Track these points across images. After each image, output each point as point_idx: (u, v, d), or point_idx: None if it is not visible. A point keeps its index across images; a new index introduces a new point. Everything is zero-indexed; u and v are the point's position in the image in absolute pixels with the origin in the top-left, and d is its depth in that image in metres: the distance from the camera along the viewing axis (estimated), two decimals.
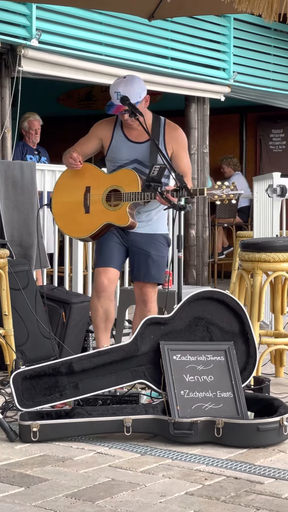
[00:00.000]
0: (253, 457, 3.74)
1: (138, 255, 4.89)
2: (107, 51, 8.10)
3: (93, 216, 4.85)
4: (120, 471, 3.52)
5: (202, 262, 10.05)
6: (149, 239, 4.89)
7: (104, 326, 4.89)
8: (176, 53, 9.04)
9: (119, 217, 4.79)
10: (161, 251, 4.94)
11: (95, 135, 4.94)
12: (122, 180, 4.80)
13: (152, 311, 4.95)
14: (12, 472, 3.49)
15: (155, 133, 4.82)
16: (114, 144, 4.86)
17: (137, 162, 4.83)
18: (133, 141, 4.84)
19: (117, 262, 4.88)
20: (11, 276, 5.35)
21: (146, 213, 4.88)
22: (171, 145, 4.84)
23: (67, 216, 4.95)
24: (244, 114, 12.48)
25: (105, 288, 4.85)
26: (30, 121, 8.14)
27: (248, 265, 5.16)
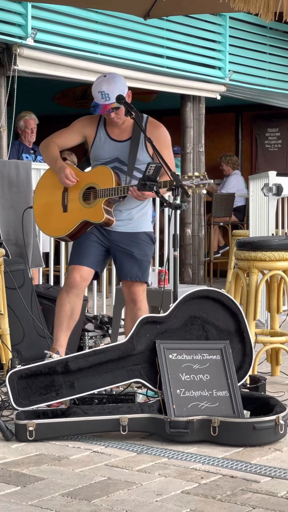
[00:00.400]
0: (249, 455, 3.74)
1: (121, 254, 4.86)
2: (102, 50, 8.10)
3: (70, 215, 4.85)
4: (116, 470, 3.52)
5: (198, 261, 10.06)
6: (132, 238, 4.85)
7: (67, 324, 4.80)
8: (172, 52, 9.04)
9: (94, 214, 4.77)
10: (144, 250, 4.89)
11: (79, 130, 4.91)
12: (97, 177, 4.80)
13: (143, 309, 4.89)
14: (8, 471, 3.49)
15: (137, 131, 4.81)
16: (97, 142, 4.86)
17: (118, 160, 4.82)
18: (115, 140, 4.84)
19: (92, 261, 4.83)
20: (6, 275, 5.34)
21: (127, 211, 4.85)
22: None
23: (46, 216, 4.95)
24: (240, 113, 12.49)
25: (76, 284, 4.80)
26: (26, 120, 8.14)
27: (244, 264, 5.16)
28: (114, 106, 4.71)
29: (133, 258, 4.83)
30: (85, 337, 5.85)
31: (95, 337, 5.92)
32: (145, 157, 4.81)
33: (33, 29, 7.17)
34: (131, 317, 4.87)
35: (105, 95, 4.69)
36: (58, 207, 4.90)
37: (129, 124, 4.85)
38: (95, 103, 4.75)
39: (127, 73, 8.53)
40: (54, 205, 4.91)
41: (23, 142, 8.18)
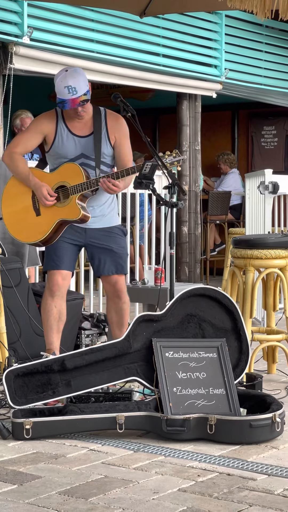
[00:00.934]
0: (245, 453, 3.74)
1: (100, 250, 4.84)
2: (98, 48, 8.10)
3: (45, 217, 4.78)
4: (113, 468, 3.52)
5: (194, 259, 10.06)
6: (107, 233, 4.86)
7: (57, 327, 4.80)
8: (168, 50, 9.04)
9: (70, 212, 4.74)
10: (120, 243, 4.90)
11: (39, 130, 4.83)
12: (66, 175, 4.76)
13: (127, 301, 4.93)
14: (5, 469, 3.49)
15: (97, 124, 4.80)
16: (58, 140, 4.80)
17: (83, 156, 4.79)
18: (77, 135, 4.81)
19: (68, 263, 4.82)
20: (3, 273, 5.34)
21: (99, 207, 4.84)
22: (114, 135, 4.82)
23: (19, 223, 4.86)
24: (236, 111, 12.49)
25: (59, 287, 4.78)
26: (22, 118, 8.13)
27: (240, 262, 5.17)
28: (83, 99, 4.68)
29: (111, 253, 4.84)
30: (82, 335, 5.85)
31: (92, 335, 5.92)
32: (109, 150, 4.82)
33: (29, 28, 7.17)
34: (116, 311, 4.91)
35: (72, 89, 4.65)
36: (30, 212, 4.81)
37: (89, 118, 4.82)
38: (62, 99, 4.68)
39: (123, 72, 8.54)
40: (25, 211, 4.83)
41: None
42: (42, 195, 4.75)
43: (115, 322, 4.93)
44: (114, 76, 8.42)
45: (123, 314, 4.93)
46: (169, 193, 4.66)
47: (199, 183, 10.12)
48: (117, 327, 4.94)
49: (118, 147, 4.82)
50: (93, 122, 4.80)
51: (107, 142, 4.80)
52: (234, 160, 11.60)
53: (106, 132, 4.79)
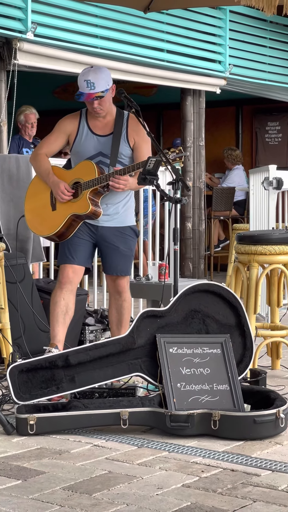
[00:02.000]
0: (249, 449, 3.74)
1: (107, 249, 4.92)
2: (102, 44, 8.09)
3: (59, 211, 4.90)
4: (117, 464, 3.53)
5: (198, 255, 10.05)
6: (118, 233, 4.92)
7: (63, 320, 4.83)
8: (172, 45, 9.02)
9: (80, 206, 4.82)
10: (129, 245, 4.97)
11: (63, 131, 4.96)
12: (81, 172, 4.85)
13: (127, 299, 5.00)
14: (9, 465, 3.49)
15: (118, 125, 4.88)
16: (79, 138, 4.91)
17: (101, 155, 4.88)
18: (97, 135, 4.89)
19: (82, 258, 4.88)
20: (7, 269, 5.35)
21: (113, 206, 4.90)
22: (133, 137, 4.89)
23: (37, 218, 5.00)
24: (240, 106, 12.47)
25: (69, 280, 4.84)
26: (26, 114, 8.13)
27: (244, 258, 5.16)
28: (98, 95, 4.76)
29: (118, 254, 4.90)
30: (86, 331, 5.85)
31: (96, 331, 5.92)
32: (127, 151, 4.89)
33: (33, 23, 7.16)
34: (116, 308, 4.99)
35: (90, 84, 4.76)
36: (47, 207, 4.95)
37: (111, 119, 4.91)
38: (80, 92, 4.79)
39: (127, 67, 8.53)
40: (43, 207, 4.97)
41: (23, 136, 8.17)
42: (59, 190, 4.86)
43: (115, 320, 4.98)
44: (118, 71, 8.41)
45: (123, 312, 4.96)
46: (173, 189, 4.66)
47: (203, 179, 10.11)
48: (116, 325, 4.98)
49: (136, 149, 4.89)
50: (115, 123, 4.86)
51: (125, 143, 4.87)
52: (238, 156, 11.57)
53: (126, 133, 4.87)
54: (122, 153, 4.87)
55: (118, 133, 4.87)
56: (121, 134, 4.88)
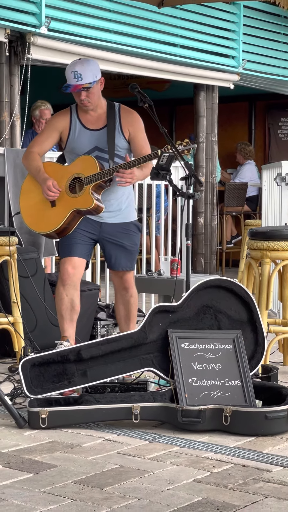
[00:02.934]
0: (261, 445, 3.75)
1: (112, 246, 4.89)
2: (116, 38, 8.09)
3: (59, 208, 4.83)
4: (128, 458, 3.53)
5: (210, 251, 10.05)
6: (121, 229, 4.89)
7: (69, 316, 4.81)
8: (185, 40, 9.01)
9: (83, 201, 4.78)
10: (134, 240, 4.95)
11: (55, 128, 4.91)
12: (81, 167, 4.81)
13: (134, 295, 4.99)
14: (21, 458, 3.51)
15: (111, 118, 4.85)
16: (72, 135, 4.86)
17: (97, 149, 4.84)
18: (91, 129, 4.85)
19: (81, 252, 4.84)
20: (19, 263, 5.36)
21: (116, 201, 4.87)
22: (127, 128, 4.86)
23: (36, 215, 4.93)
24: (253, 102, 12.45)
25: (69, 275, 4.81)
26: (41, 110, 8.13)
27: (256, 254, 5.16)
28: (85, 86, 4.74)
29: (124, 250, 4.89)
30: (98, 325, 5.86)
31: (108, 325, 5.93)
32: (123, 143, 4.86)
33: (47, 18, 7.17)
34: (123, 304, 4.98)
35: (77, 75, 4.74)
36: (45, 203, 4.87)
37: (102, 112, 4.88)
38: (67, 84, 4.77)
39: (140, 62, 8.53)
40: (41, 203, 4.89)
41: (37, 131, 8.18)
42: (46, 187, 4.80)
43: (123, 316, 4.97)
44: (131, 66, 8.42)
45: (130, 307, 4.96)
46: (186, 184, 4.66)
47: (215, 175, 10.10)
48: (124, 321, 4.97)
49: (133, 140, 4.85)
50: (107, 116, 4.84)
51: (120, 135, 4.83)
52: (251, 152, 11.56)
53: (119, 125, 4.83)
54: (118, 145, 4.83)
55: (112, 126, 4.83)
56: (115, 126, 4.83)
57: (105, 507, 2.95)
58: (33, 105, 8.11)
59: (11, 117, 7.23)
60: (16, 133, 7.29)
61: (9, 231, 5.22)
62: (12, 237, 5.18)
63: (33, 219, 4.95)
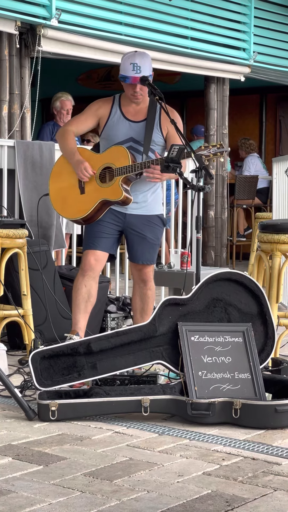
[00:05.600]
0: (270, 438, 3.74)
1: (134, 238, 4.90)
2: (126, 31, 8.08)
3: (88, 196, 4.87)
4: (138, 451, 3.54)
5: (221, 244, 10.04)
6: (145, 221, 4.91)
7: (84, 306, 4.84)
8: (196, 33, 8.99)
9: (113, 192, 4.80)
10: (156, 234, 4.97)
11: (94, 113, 4.93)
12: (113, 157, 4.83)
13: (152, 288, 5.01)
14: (31, 450, 3.51)
15: (152, 113, 4.86)
16: (111, 122, 4.88)
17: (132, 140, 4.85)
18: (130, 120, 4.87)
19: (105, 245, 4.87)
20: (30, 256, 5.36)
21: (142, 194, 4.89)
22: (166, 126, 4.88)
23: (64, 200, 4.96)
24: (264, 94, 12.42)
25: (91, 267, 4.83)
26: (62, 101, 8.12)
27: (267, 247, 5.15)
28: (144, 79, 4.75)
29: (145, 243, 4.89)
30: (107, 318, 5.87)
31: (117, 318, 5.94)
32: (159, 139, 4.89)
33: (58, 10, 7.16)
34: (140, 296, 4.99)
35: (137, 67, 4.77)
36: (75, 190, 4.91)
37: (144, 106, 4.91)
38: (124, 75, 4.77)
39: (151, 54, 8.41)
40: (70, 189, 4.93)
41: (58, 123, 8.16)
42: (80, 170, 4.82)
43: (139, 308, 4.98)
44: None
45: (147, 300, 4.96)
46: (196, 177, 4.65)
47: (226, 167, 10.08)
48: (140, 314, 4.98)
49: (169, 138, 4.89)
50: (148, 110, 4.86)
51: (158, 131, 4.86)
52: (252, 145, 11.58)
53: (159, 121, 4.87)
54: (154, 140, 4.86)
55: (152, 120, 4.85)
56: (154, 121, 4.86)
57: (115, 500, 2.95)
58: (54, 96, 8.11)
59: (22, 110, 7.23)
60: (27, 126, 7.29)
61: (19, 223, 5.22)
62: (22, 230, 5.18)
63: (60, 203, 4.99)
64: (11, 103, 7.18)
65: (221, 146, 4.82)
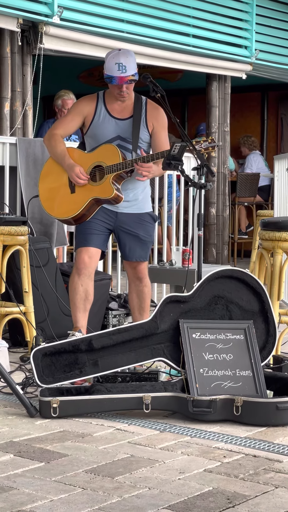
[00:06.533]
0: (272, 435, 3.75)
1: (127, 236, 4.89)
2: (128, 28, 8.08)
3: (79, 195, 4.84)
4: (139, 448, 3.54)
5: (222, 241, 10.04)
6: (137, 219, 4.90)
7: (83, 306, 4.82)
8: (198, 30, 8.99)
9: (103, 190, 4.79)
10: (149, 231, 4.96)
11: (79, 112, 4.90)
12: (103, 155, 4.81)
13: (148, 285, 4.99)
14: (32, 447, 3.52)
15: (137, 108, 4.85)
16: (97, 121, 4.85)
17: (119, 138, 4.83)
18: (116, 118, 4.85)
19: (97, 241, 4.85)
20: (31, 253, 5.37)
21: (133, 192, 4.87)
22: (151, 123, 4.86)
23: (54, 200, 4.93)
24: (266, 92, 12.41)
25: (86, 265, 4.81)
26: (64, 99, 8.12)
27: (268, 244, 5.15)
28: (130, 78, 4.74)
29: (138, 240, 4.89)
30: (109, 315, 5.87)
31: (119, 315, 5.94)
32: (145, 136, 4.87)
33: (59, 7, 7.16)
34: (137, 294, 4.97)
35: (122, 67, 4.73)
36: (65, 189, 4.89)
37: (130, 103, 4.88)
38: (109, 75, 4.74)
39: (153, 52, 8.51)
40: (60, 188, 4.90)
41: None
42: (75, 174, 4.80)
43: (136, 306, 4.97)
44: (144, 56, 8.40)
45: (144, 297, 4.96)
46: (198, 174, 4.65)
47: (227, 165, 10.08)
48: (138, 311, 4.97)
49: (155, 135, 4.86)
50: (134, 107, 4.84)
51: (144, 128, 4.85)
52: (254, 142, 11.57)
53: (144, 117, 4.84)
54: (141, 138, 4.84)
55: (138, 117, 4.84)
56: (141, 118, 4.85)
57: (116, 496, 2.96)
58: (56, 94, 8.11)
59: (23, 107, 7.23)
60: (28, 123, 7.29)
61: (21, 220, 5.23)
62: (24, 227, 5.19)
63: (50, 203, 4.96)
64: (13, 100, 7.18)
65: (212, 141, 4.81)
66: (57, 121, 5.09)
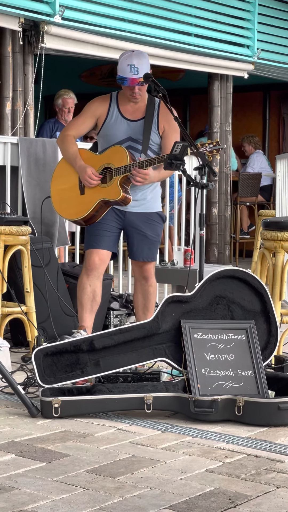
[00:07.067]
0: (273, 435, 3.74)
1: (135, 235, 4.91)
2: (130, 27, 8.07)
3: (88, 196, 4.88)
4: (140, 448, 3.54)
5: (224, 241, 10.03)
6: (145, 219, 4.91)
7: (90, 306, 4.84)
8: (200, 29, 8.98)
9: (111, 192, 4.81)
10: (156, 231, 4.98)
11: (92, 113, 4.93)
12: (112, 157, 4.83)
13: (153, 285, 5.02)
14: (34, 447, 3.52)
15: (149, 110, 4.86)
16: (109, 121, 4.88)
17: (131, 140, 4.85)
18: (128, 119, 4.86)
19: (108, 243, 4.87)
20: (33, 253, 5.37)
21: (141, 191, 4.88)
22: (163, 125, 4.88)
23: (64, 201, 4.98)
24: (268, 92, 12.40)
25: (96, 266, 4.84)
26: (64, 99, 8.11)
27: (270, 244, 5.14)
28: (142, 80, 4.75)
29: (146, 240, 4.90)
30: (111, 315, 5.87)
31: (121, 315, 5.94)
32: (156, 138, 4.89)
33: (61, 7, 7.15)
34: (142, 293, 5.00)
35: (134, 69, 4.74)
36: (75, 190, 4.93)
37: (142, 105, 4.90)
38: (122, 76, 4.76)
39: (155, 51, 8.50)
40: (71, 189, 4.95)
41: (59, 120, 8.16)
42: (87, 176, 4.83)
43: (141, 305, 4.98)
44: None
45: (149, 297, 4.96)
46: (200, 174, 4.65)
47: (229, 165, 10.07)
48: (142, 311, 4.98)
49: (164, 138, 4.87)
50: (146, 109, 4.85)
51: (156, 130, 4.86)
52: (259, 142, 11.57)
53: (156, 120, 4.86)
54: (152, 139, 4.86)
55: (150, 119, 4.85)
56: (152, 120, 4.86)
57: (117, 496, 2.96)
58: (56, 94, 8.11)
59: (25, 107, 7.22)
60: (30, 123, 7.28)
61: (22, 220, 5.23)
62: (25, 227, 5.19)
63: (61, 205, 5.01)
64: (15, 100, 7.18)
65: (217, 144, 4.82)
66: (70, 122, 5.14)
